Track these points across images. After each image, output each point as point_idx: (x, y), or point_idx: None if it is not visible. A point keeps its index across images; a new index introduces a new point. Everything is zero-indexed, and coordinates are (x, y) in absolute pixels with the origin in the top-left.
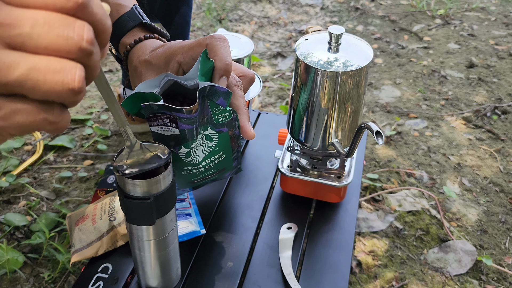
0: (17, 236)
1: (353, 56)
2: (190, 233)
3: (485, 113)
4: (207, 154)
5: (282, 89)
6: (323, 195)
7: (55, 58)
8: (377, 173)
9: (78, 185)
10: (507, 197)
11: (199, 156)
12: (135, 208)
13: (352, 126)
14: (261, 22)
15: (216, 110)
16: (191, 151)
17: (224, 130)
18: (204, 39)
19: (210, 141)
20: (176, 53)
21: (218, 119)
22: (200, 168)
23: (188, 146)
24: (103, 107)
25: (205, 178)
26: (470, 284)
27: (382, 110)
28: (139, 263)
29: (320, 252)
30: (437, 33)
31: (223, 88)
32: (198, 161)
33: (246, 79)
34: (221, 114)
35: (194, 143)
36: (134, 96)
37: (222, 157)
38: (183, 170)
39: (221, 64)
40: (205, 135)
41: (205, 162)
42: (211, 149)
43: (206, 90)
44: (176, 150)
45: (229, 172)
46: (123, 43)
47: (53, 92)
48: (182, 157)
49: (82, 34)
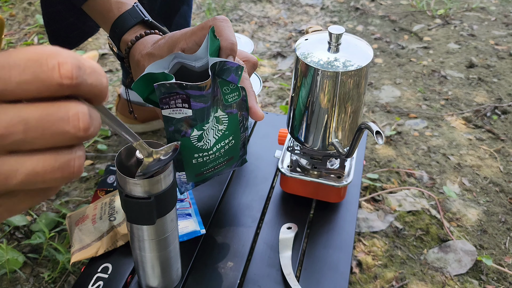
0: (17, 236)
1: (353, 56)
2: (190, 233)
3: (485, 113)
4: (217, 138)
5: (282, 89)
6: (323, 195)
7: (53, 155)
8: (377, 173)
9: (78, 185)
10: (507, 197)
11: (210, 141)
12: (135, 208)
13: (352, 126)
14: (261, 22)
15: (226, 90)
16: (203, 134)
17: (233, 111)
18: (206, 22)
19: (220, 124)
20: (179, 41)
21: (228, 99)
22: (211, 155)
23: (201, 128)
24: None
25: (214, 168)
26: (470, 284)
27: (382, 110)
28: (139, 263)
29: (320, 252)
30: (437, 33)
31: (234, 63)
32: (209, 146)
33: (249, 64)
34: (231, 94)
35: (207, 125)
36: (144, 77)
37: (231, 142)
38: (194, 157)
39: (227, 44)
40: (215, 118)
41: (216, 148)
42: (222, 133)
43: (217, 66)
44: (188, 134)
45: (235, 163)
46: (124, 40)
47: (54, 186)
48: (194, 142)
49: (77, 125)
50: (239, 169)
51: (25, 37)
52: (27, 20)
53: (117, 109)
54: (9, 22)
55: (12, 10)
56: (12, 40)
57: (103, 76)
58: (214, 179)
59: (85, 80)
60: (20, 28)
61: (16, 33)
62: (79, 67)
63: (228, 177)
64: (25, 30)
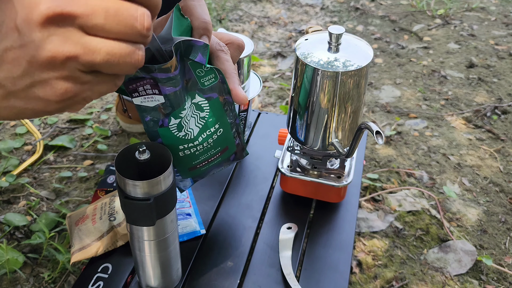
0: (17, 236)
1: (353, 56)
2: (190, 233)
3: (485, 113)
4: (201, 127)
5: (282, 89)
6: (323, 195)
7: (124, 43)
8: (377, 173)
9: (78, 185)
10: (507, 197)
11: (193, 130)
12: (135, 209)
13: (352, 126)
14: (261, 22)
15: (199, 72)
16: (182, 122)
17: (213, 96)
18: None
19: (201, 111)
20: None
21: (204, 83)
22: (198, 146)
23: (177, 116)
24: (103, 107)
25: (208, 161)
26: (470, 284)
27: (382, 110)
28: (139, 263)
29: (320, 252)
30: (437, 33)
31: (199, 41)
32: (193, 136)
33: (233, 46)
34: (206, 76)
35: (183, 111)
36: None
37: (219, 131)
38: (180, 150)
39: (199, 23)
40: (194, 104)
41: (202, 138)
42: (205, 121)
43: (182, 45)
44: (166, 124)
45: (233, 154)
46: None
47: (123, 70)
48: (174, 132)
49: (143, 23)
50: (239, 169)
51: None
52: None
53: (117, 109)
54: None
55: None
56: None
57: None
58: (214, 179)
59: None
60: None
61: None
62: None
63: (228, 177)
64: None
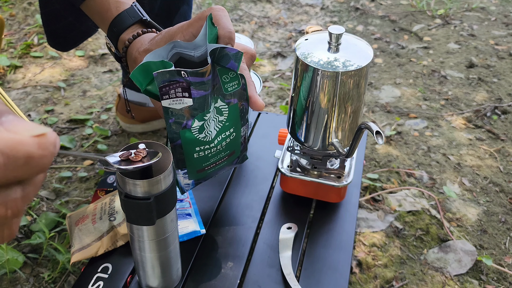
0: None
1: (353, 56)
2: (190, 233)
3: (485, 113)
4: (218, 129)
5: (282, 89)
6: (323, 195)
7: None
8: (377, 173)
9: (78, 185)
10: (507, 197)
11: (212, 132)
12: (135, 208)
13: (352, 126)
14: (261, 22)
15: (225, 78)
16: (204, 125)
17: (233, 101)
18: (202, 12)
19: (221, 114)
20: (176, 34)
21: (228, 88)
22: (213, 148)
23: (202, 118)
24: (103, 107)
25: (215, 164)
26: (470, 284)
27: (382, 110)
28: (139, 263)
29: (320, 252)
30: (437, 33)
31: (233, 49)
32: (211, 138)
33: (247, 56)
34: (231, 83)
35: (208, 115)
36: (143, 67)
37: (232, 134)
38: (196, 151)
39: (225, 32)
40: (216, 108)
41: (217, 140)
42: (222, 124)
43: (216, 53)
44: (189, 125)
45: (236, 159)
46: (122, 39)
47: None
48: (195, 133)
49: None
50: (239, 169)
51: (25, 37)
52: (27, 20)
53: (117, 109)
54: (9, 22)
55: (12, 10)
56: (12, 40)
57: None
58: (214, 179)
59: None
60: (20, 28)
61: (16, 33)
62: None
63: (228, 177)
64: (25, 30)
